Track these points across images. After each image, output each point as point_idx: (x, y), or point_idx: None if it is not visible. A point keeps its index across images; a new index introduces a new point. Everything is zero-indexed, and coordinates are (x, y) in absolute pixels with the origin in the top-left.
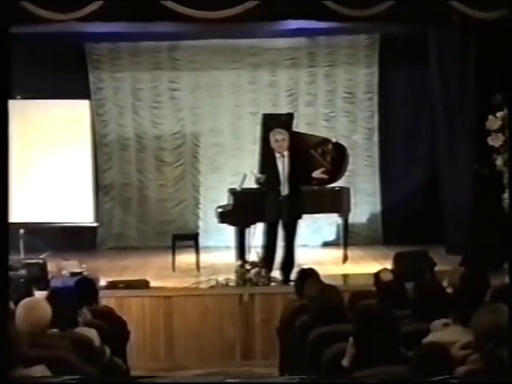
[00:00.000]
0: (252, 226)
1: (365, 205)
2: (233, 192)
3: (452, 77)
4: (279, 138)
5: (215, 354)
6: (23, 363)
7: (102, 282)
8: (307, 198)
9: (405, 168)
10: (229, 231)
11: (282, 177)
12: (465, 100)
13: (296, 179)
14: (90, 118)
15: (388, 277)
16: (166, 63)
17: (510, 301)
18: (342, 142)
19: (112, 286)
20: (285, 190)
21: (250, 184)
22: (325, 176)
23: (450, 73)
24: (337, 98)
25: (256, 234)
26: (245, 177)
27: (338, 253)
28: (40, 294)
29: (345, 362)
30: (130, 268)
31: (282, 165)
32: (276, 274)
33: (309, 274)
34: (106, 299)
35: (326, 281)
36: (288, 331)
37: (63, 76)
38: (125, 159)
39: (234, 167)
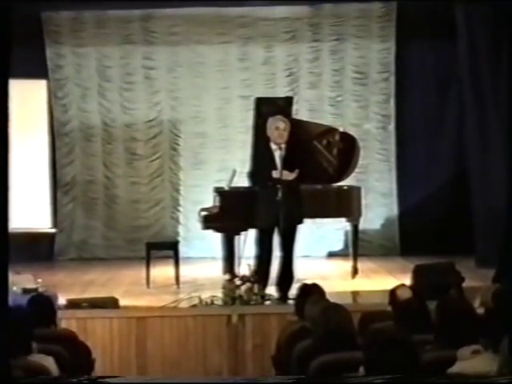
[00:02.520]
0: (243, 233)
1: (379, 207)
2: (219, 191)
3: (484, 55)
4: (281, 126)
5: None
6: None
7: (62, 301)
8: (309, 200)
9: (426, 164)
10: (215, 239)
11: (278, 173)
12: (499, 84)
13: (295, 177)
14: (48, 102)
15: (406, 294)
16: (139, 36)
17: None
18: (352, 131)
19: (73, 305)
20: (282, 189)
21: (241, 181)
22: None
23: (482, 50)
24: (345, 79)
25: (247, 243)
26: (234, 173)
27: (346, 265)
28: None
29: None
30: (96, 283)
31: (280, 159)
32: (271, 290)
33: (311, 291)
34: (66, 321)
35: (331, 299)
36: (286, 359)
37: (15, 51)
38: (89, 152)
39: (221, 162)
